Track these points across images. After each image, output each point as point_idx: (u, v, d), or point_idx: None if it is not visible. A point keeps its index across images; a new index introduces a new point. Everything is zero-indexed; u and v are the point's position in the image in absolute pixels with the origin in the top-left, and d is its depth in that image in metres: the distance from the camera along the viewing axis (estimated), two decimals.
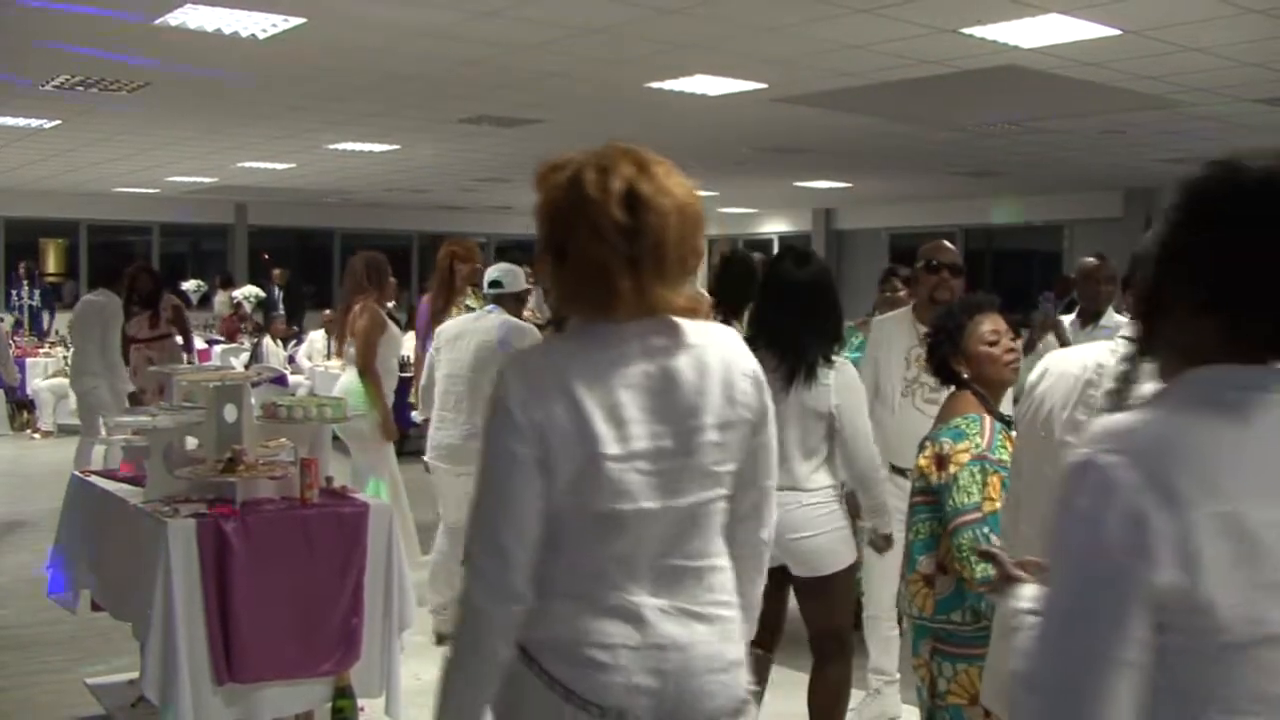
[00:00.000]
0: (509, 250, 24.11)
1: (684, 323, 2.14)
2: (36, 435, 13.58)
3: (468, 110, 10.54)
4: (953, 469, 3.32)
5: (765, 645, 4.51)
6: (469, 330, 5.98)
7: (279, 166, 14.84)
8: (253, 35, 7.47)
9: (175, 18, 7.08)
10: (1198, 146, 12.24)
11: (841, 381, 4.29)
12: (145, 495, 4.37)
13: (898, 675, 5.22)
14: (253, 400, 4.59)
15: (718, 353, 2.15)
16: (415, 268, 21.85)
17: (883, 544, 4.42)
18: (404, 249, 21.56)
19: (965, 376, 3.50)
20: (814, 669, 4.44)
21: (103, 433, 7.83)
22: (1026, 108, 10.15)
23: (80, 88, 9.40)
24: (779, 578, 4.41)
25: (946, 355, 3.53)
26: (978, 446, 3.32)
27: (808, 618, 4.45)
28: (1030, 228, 19.00)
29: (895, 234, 20.20)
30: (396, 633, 4.47)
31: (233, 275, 19.37)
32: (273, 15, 7.05)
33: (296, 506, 4.33)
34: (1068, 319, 6.67)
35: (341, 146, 12.98)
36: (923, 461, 3.46)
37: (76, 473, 5.11)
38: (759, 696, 3.70)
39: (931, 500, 3.41)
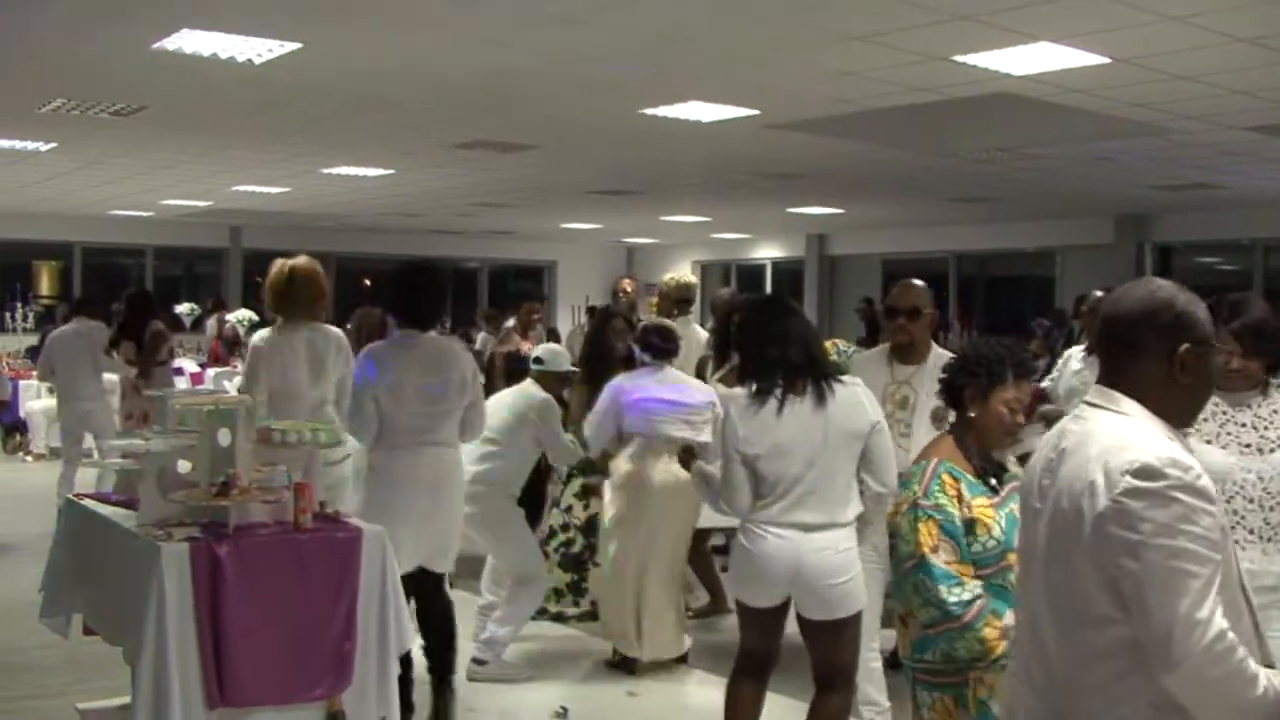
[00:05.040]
0: (506, 277, 24.18)
1: None
2: (29, 458, 13.57)
3: (463, 135, 10.57)
4: (898, 518, 3.49)
5: (760, 677, 4.53)
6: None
7: (273, 190, 14.86)
8: (249, 60, 7.50)
9: (172, 42, 7.12)
10: (1188, 173, 12.32)
11: (870, 396, 4.37)
12: (139, 519, 4.37)
13: (888, 705, 5.23)
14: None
15: None
16: None
17: None
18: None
19: (969, 415, 3.54)
20: (816, 699, 4.46)
21: (94, 455, 7.83)
22: (1018, 134, 10.20)
23: (77, 110, 9.43)
24: (780, 614, 4.42)
25: (967, 390, 3.56)
26: (913, 495, 3.45)
27: (818, 655, 4.45)
28: (1022, 254, 19.06)
29: (888, 259, 20.24)
30: (392, 657, 4.47)
31: (225, 299, 19.35)
32: (269, 40, 7.09)
33: (290, 531, 4.33)
34: (1078, 350, 6.69)
35: (336, 171, 13.01)
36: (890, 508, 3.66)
37: (69, 496, 5.12)
38: None
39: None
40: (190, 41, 7.10)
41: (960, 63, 7.30)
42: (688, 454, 5.03)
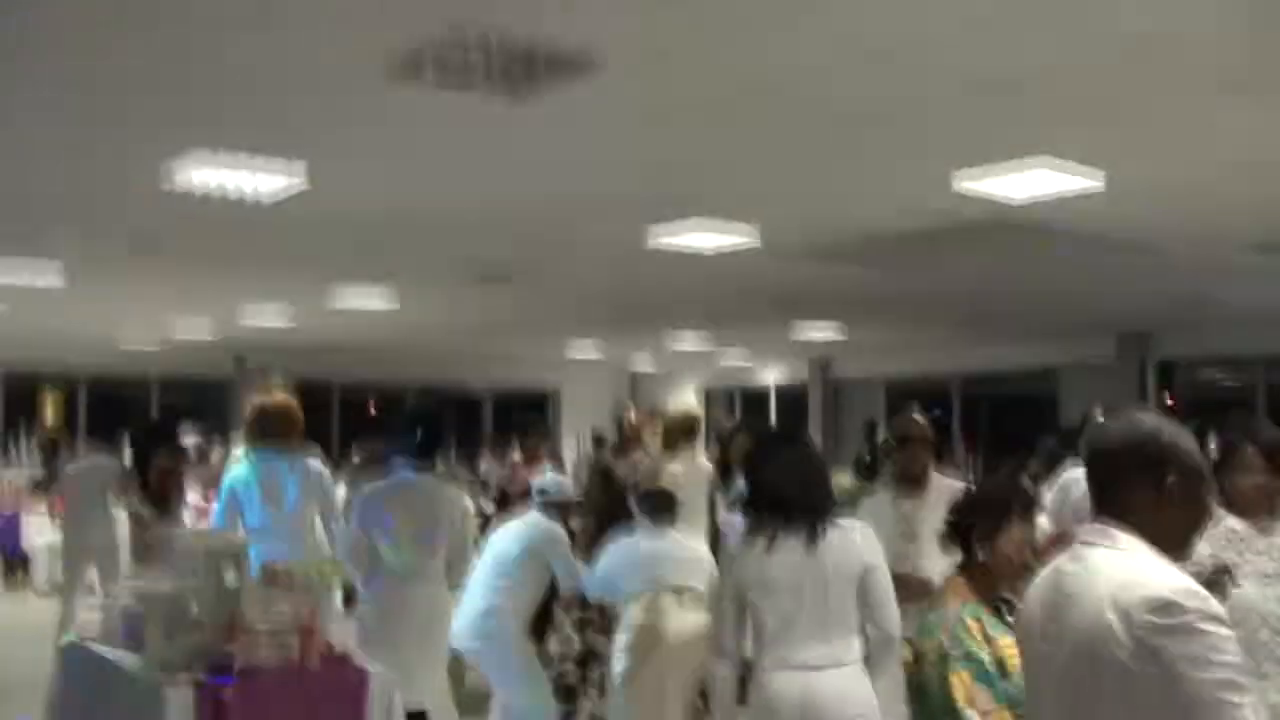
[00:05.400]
0: (510, 405, 24.22)
1: None
2: (32, 594, 13.43)
3: (468, 270, 10.68)
4: (922, 667, 3.41)
5: None
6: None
7: (279, 325, 14.97)
8: (257, 202, 7.57)
9: (182, 180, 7.19)
10: (1188, 292, 12.38)
11: (867, 538, 4.28)
12: (143, 662, 4.32)
13: None
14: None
15: None
16: None
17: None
18: (401, 399, 21.59)
19: (978, 559, 3.51)
20: None
21: (97, 595, 7.76)
22: (1016, 259, 10.27)
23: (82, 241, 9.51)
24: None
25: (974, 531, 3.53)
26: (941, 645, 3.39)
27: None
28: (1025, 372, 19.08)
29: (892, 381, 20.26)
30: None
31: (229, 430, 19.26)
32: (277, 177, 7.16)
33: (296, 673, 4.28)
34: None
35: (342, 305, 13.10)
36: (905, 655, 3.53)
37: (71, 637, 5.06)
38: None
39: (916, 693, 3.49)
40: (199, 176, 7.17)
41: (957, 191, 7.37)
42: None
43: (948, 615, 3.40)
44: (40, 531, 13.67)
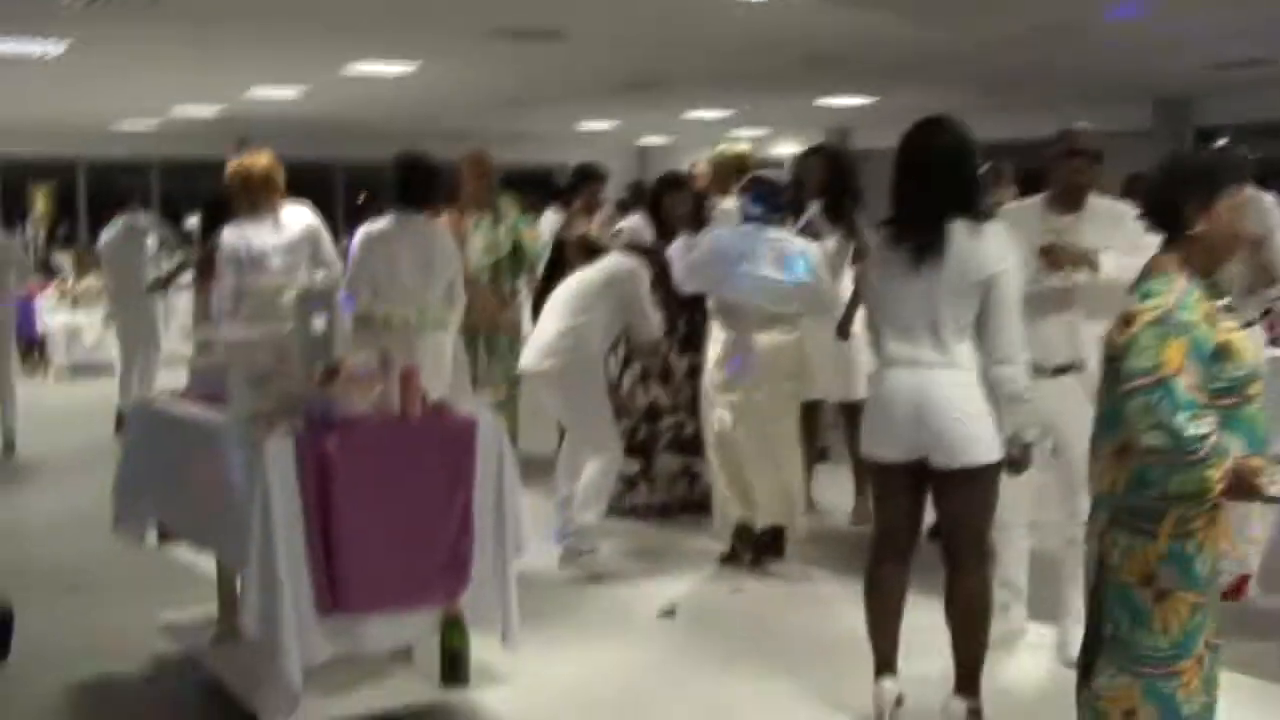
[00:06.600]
0: (517, 183, 23.67)
1: None
2: (49, 377, 13.18)
3: (488, 23, 10.07)
4: (1134, 329, 3.00)
5: (901, 560, 4.17)
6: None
7: (289, 94, 14.32)
8: None
9: None
10: (1235, 51, 11.80)
11: (1001, 247, 3.93)
12: (231, 414, 3.99)
13: (1026, 589, 4.91)
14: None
15: None
16: None
17: (1019, 456, 3.98)
18: None
19: (1192, 234, 3.11)
20: (950, 579, 4.08)
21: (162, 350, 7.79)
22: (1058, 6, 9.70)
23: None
24: (914, 480, 4.05)
25: (1190, 202, 3.12)
26: (1163, 307, 2.99)
27: (946, 518, 4.09)
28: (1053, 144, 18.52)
29: None
30: (511, 558, 4.11)
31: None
32: None
33: (399, 423, 3.95)
34: None
35: (357, 70, 12.47)
36: (1111, 327, 3.15)
37: (143, 398, 4.73)
38: None
39: (1117, 367, 3.08)
40: None
41: None
42: None
43: (1175, 284, 3.04)
44: (53, 312, 13.34)
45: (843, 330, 6.18)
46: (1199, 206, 3.09)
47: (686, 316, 6.81)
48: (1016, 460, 3.99)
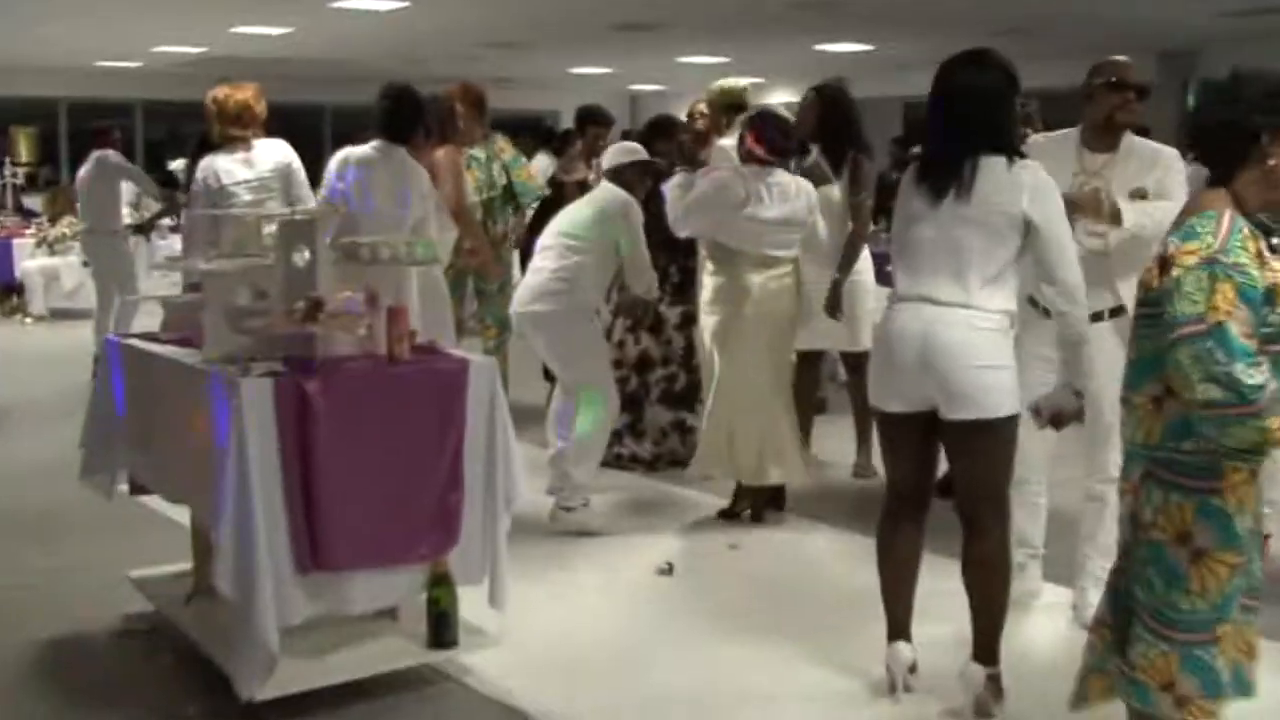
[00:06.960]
0: (508, 129, 23.33)
1: None
2: (28, 320, 12.90)
3: None
4: (1176, 272, 2.77)
5: (914, 518, 3.95)
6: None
7: (274, 32, 13.94)
8: None
9: None
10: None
11: (1036, 183, 3.66)
12: (204, 354, 3.73)
13: (1042, 549, 4.70)
14: None
15: None
16: None
17: (1072, 404, 3.73)
18: None
19: (1264, 165, 2.85)
20: (967, 541, 3.85)
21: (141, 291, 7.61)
22: None
23: None
24: (923, 431, 3.81)
25: (1265, 133, 2.86)
26: (1209, 247, 2.75)
27: (960, 473, 3.84)
28: (1053, 94, 18.25)
29: (911, 102, 19.42)
30: (501, 511, 3.87)
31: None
32: None
33: (386, 363, 3.70)
34: None
35: (346, 4, 12.10)
36: (1146, 268, 2.91)
37: (112, 337, 4.46)
38: None
39: (1154, 312, 2.86)
40: None
41: None
42: None
43: (1222, 220, 2.79)
44: (31, 256, 13.04)
45: (834, 302, 6.01)
46: (1277, 136, 2.83)
47: (680, 263, 6.58)
48: (1068, 413, 3.75)
